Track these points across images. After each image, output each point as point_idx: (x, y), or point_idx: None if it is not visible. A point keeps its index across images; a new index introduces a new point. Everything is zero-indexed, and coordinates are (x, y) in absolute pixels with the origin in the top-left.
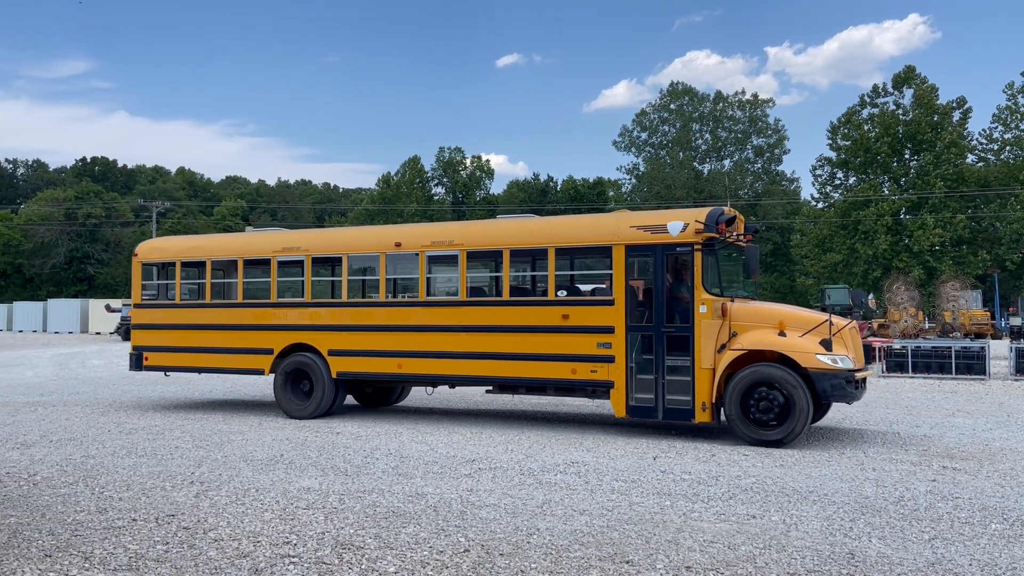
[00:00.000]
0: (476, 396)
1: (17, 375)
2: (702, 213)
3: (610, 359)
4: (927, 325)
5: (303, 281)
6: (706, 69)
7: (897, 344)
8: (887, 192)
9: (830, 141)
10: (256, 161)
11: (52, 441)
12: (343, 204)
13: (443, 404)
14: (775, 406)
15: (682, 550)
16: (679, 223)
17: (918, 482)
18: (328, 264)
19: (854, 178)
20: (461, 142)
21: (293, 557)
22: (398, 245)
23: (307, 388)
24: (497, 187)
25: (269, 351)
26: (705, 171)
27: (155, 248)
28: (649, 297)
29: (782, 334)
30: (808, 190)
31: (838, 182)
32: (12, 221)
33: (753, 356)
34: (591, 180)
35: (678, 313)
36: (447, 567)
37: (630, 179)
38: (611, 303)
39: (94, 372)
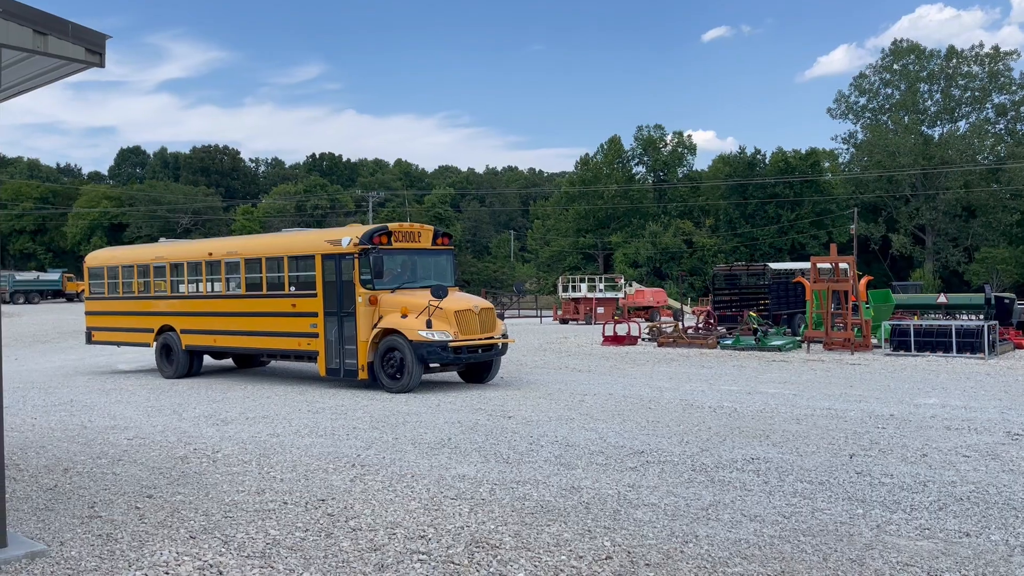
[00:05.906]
0: (662, 382)
1: None
2: (362, 230)
3: (316, 335)
4: None
5: (165, 280)
6: (938, 25)
7: None
8: None
9: None
10: (468, 150)
11: (248, 419)
12: (547, 188)
13: (623, 391)
14: (398, 364)
15: (867, 572)
16: (347, 238)
17: None
18: (179, 268)
19: None
20: (668, 120)
21: (423, 554)
22: (210, 255)
23: (172, 357)
24: (703, 163)
25: (151, 330)
26: (936, 135)
27: (94, 257)
28: (337, 290)
29: (405, 316)
30: None
31: None
32: (252, 214)
33: (388, 332)
34: (803, 152)
35: (349, 302)
36: None
37: (847, 148)
38: (315, 295)
39: None
